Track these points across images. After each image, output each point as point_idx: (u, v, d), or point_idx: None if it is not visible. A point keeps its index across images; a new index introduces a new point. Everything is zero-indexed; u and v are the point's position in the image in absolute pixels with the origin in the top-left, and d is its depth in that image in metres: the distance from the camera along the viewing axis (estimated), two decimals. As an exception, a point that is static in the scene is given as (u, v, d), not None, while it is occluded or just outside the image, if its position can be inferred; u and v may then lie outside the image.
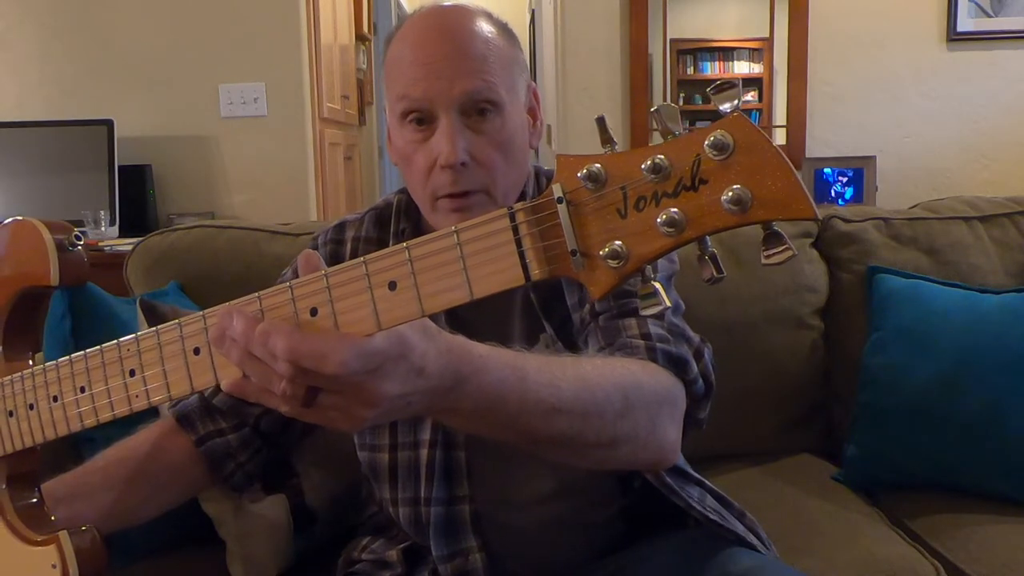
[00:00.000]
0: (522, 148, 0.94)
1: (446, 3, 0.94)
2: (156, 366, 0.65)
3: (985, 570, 1.22)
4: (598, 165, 0.53)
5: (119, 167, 2.65)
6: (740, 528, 0.99)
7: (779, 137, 3.14)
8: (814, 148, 3.05)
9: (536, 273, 0.53)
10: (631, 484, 0.99)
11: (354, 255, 1.00)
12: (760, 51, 3.17)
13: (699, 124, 3.63)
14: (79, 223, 2.50)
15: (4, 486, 0.73)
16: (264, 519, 1.24)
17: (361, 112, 4.14)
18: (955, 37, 2.97)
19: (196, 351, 0.63)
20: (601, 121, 0.57)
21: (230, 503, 1.24)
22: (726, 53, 3.23)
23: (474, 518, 0.95)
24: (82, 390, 0.70)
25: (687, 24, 3.15)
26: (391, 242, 1.01)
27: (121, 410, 0.68)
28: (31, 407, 0.72)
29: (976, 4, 2.96)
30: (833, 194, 2.86)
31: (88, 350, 0.70)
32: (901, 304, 1.48)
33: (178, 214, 2.80)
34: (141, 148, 2.80)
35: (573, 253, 0.53)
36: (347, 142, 3.69)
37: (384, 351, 0.58)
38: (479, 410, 0.68)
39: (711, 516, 0.96)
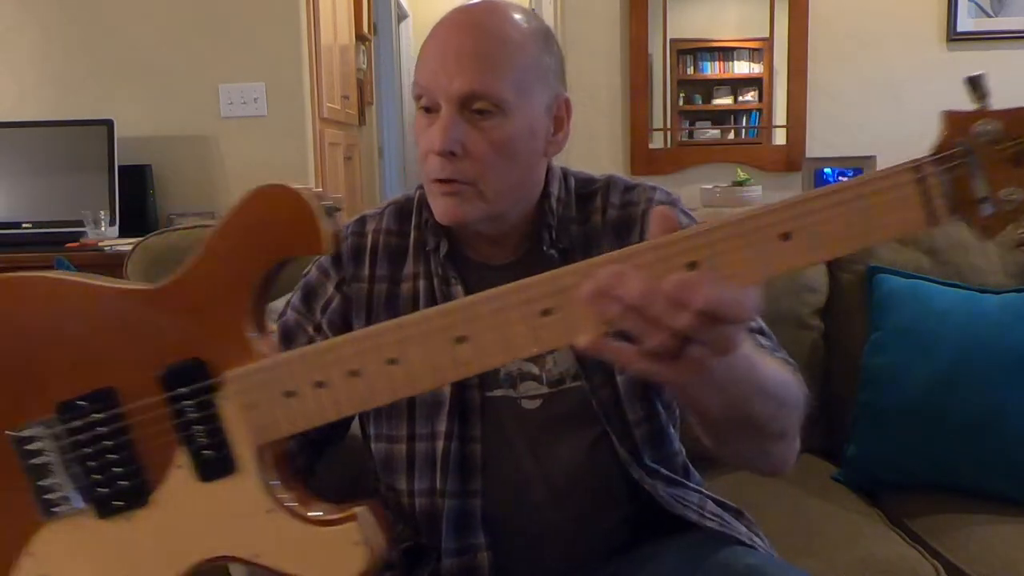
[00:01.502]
0: (527, 152, 0.94)
1: (476, 2, 0.95)
2: (491, 332, 0.64)
3: (985, 570, 1.22)
4: (994, 121, 0.59)
5: (119, 167, 2.65)
6: (742, 530, 0.99)
7: (779, 137, 3.14)
8: (814, 148, 3.05)
9: (943, 219, 0.59)
10: (639, 489, 0.99)
11: (375, 247, 1.02)
12: (760, 51, 3.17)
13: (699, 124, 3.62)
14: (79, 223, 2.50)
15: (277, 481, 0.70)
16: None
17: (361, 112, 4.14)
18: (955, 37, 2.97)
19: (546, 312, 0.63)
20: (975, 79, 0.62)
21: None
22: (726, 53, 3.23)
23: (484, 515, 0.96)
24: (392, 362, 0.66)
25: (687, 24, 3.15)
26: (413, 234, 1.02)
27: (445, 378, 0.67)
28: (319, 384, 0.67)
29: (976, 4, 2.96)
30: (833, 194, 2.86)
31: (400, 319, 0.67)
32: (901, 304, 1.48)
33: (178, 214, 2.80)
34: (141, 148, 2.80)
35: (982, 200, 0.59)
36: (347, 142, 3.69)
37: (758, 303, 0.61)
38: (722, 380, 0.69)
39: (710, 525, 0.97)
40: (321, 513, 0.70)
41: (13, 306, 0.72)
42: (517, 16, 0.94)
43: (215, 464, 0.69)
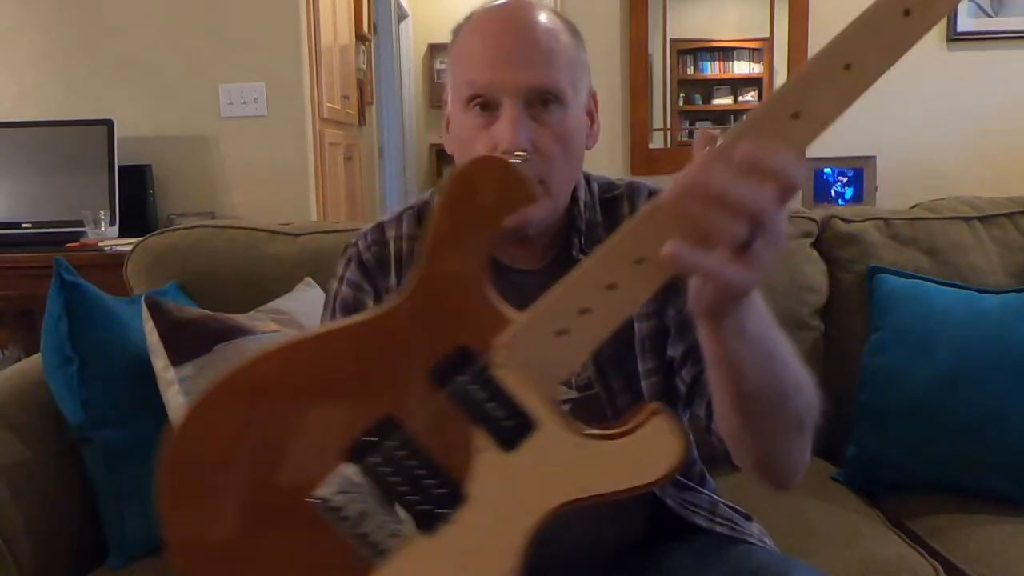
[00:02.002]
0: (579, 146, 0.95)
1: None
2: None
3: (985, 570, 1.22)
4: None
5: (119, 167, 2.65)
6: (754, 531, 1.00)
7: (779, 137, 3.14)
8: (814, 148, 3.03)
9: None
10: (651, 494, 0.99)
11: (399, 255, 1.01)
12: (760, 51, 3.17)
13: (699, 124, 3.62)
14: (79, 223, 2.50)
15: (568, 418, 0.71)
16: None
17: (361, 112, 4.13)
18: (955, 37, 2.97)
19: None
20: None
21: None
22: (726, 53, 3.23)
23: None
24: (640, 261, 0.66)
25: (687, 24, 3.15)
26: None
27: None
28: (584, 311, 0.68)
29: (976, 4, 2.96)
30: (833, 194, 2.86)
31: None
32: (901, 304, 1.48)
33: (178, 214, 2.80)
34: (141, 148, 2.80)
35: None
36: (347, 142, 3.69)
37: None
38: (756, 332, 0.70)
39: (720, 530, 0.98)
40: (620, 428, 0.71)
41: (261, 392, 0.72)
42: (554, 12, 0.95)
43: (515, 430, 0.70)
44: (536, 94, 0.89)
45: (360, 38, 4.06)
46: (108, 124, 2.65)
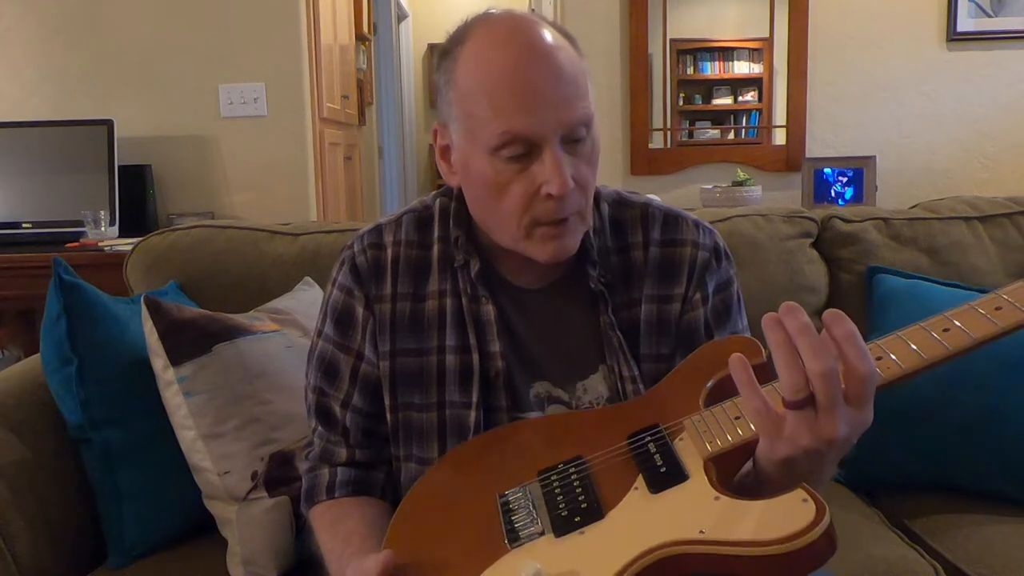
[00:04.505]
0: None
1: (508, 17, 0.89)
2: None
3: (985, 570, 1.22)
4: None
5: (119, 167, 2.65)
6: None
7: (779, 137, 3.14)
8: (814, 148, 3.05)
9: None
10: None
11: (396, 261, 1.00)
12: (760, 51, 3.16)
13: (699, 124, 3.61)
14: (79, 223, 2.50)
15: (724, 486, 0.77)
16: (267, 520, 1.24)
17: (361, 112, 4.13)
18: (955, 37, 2.97)
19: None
20: None
21: (234, 504, 1.24)
22: (726, 53, 3.23)
23: None
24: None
25: (687, 24, 3.14)
26: (437, 247, 1.00)
27: None
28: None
29: (976, 4, 2.96)
30: (833, 194, 2.86)
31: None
32: (901, 304, 1.48)
33: (178, 214, 2.81)
34: (141, 148, 2.80)
35: None
36: (347, 142, 3.69)
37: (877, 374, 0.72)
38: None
39: None
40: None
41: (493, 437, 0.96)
42: (551, 27, 0.90)
43: (668, 477, 0.79)
44: (573, 130, 0.86)
45: (360, 38, 4.06)
46: (108, 124, 2.65)
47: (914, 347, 0.73)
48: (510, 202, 0.88)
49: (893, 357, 0.73)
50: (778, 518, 0.68)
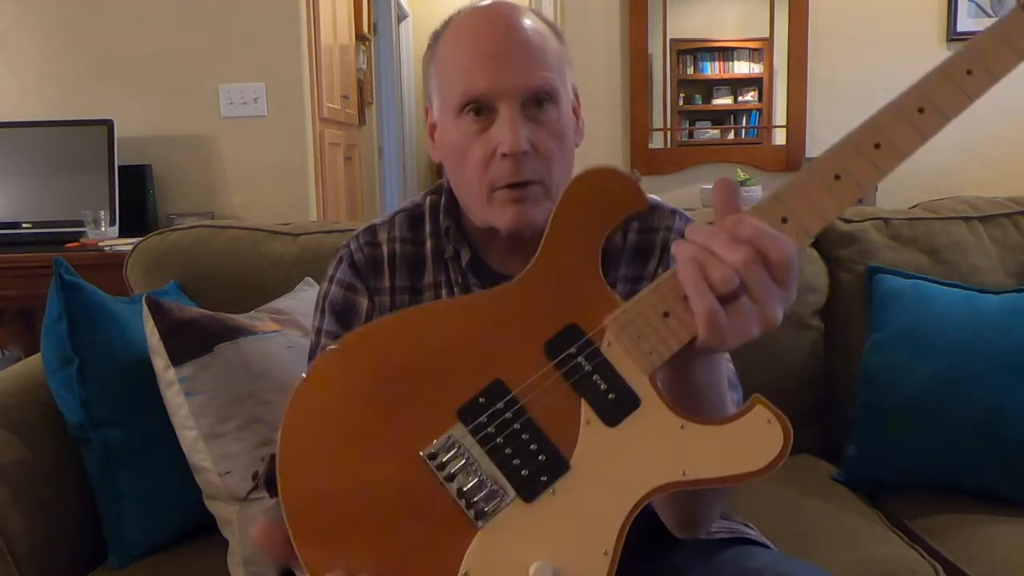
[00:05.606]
0: (571, 144, 0.95)
1: (495, 2, 0.94)
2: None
3: (985, 570, 1.22)
4: None
5: (119, 167, 2.65)
6: (752, 534, 1.00)
7: (779, 137, 3.15)
8: (814, 148, 3.05)
9: None
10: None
11: (392, 257, 1.01)
12: (760, 51, 3.17)
13: (699, 124, 3.61)
14: (79, 223, 2.50)
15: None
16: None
17: (361, 112, 4.13)
18: (955, 37, 2.97)
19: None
20: None
21: (235, 505, 1.24)
22: (726, 53, 3.23)
23: None
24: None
25: (687, 24, 3.15)
26: (429, 242, 1.02)
27: None
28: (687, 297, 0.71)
29: (976, 4, 2.96)
30: (833, 194, 2.86)
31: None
32: (901, 304, 1.48)
33: (178, 214, 2.80)
34: (141, 148, 2.80)
35: None
36: (347, 142, 3.69)
37: (795, 251, 0.69)
38: (702, 384, 0.75)
39: (720, 536, 0.97)
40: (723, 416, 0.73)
41: (390, 346, 0.77)
42: (531, 13, 0.94)
43: (619, 404, 0.72)
44: (532, 95, 0.89)
45: (360, 38, 4.06)
46: (108, 124, 2.65)
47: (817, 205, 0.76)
48: (471, 164, 0.91)
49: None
50: (752, 444, 0.69)
